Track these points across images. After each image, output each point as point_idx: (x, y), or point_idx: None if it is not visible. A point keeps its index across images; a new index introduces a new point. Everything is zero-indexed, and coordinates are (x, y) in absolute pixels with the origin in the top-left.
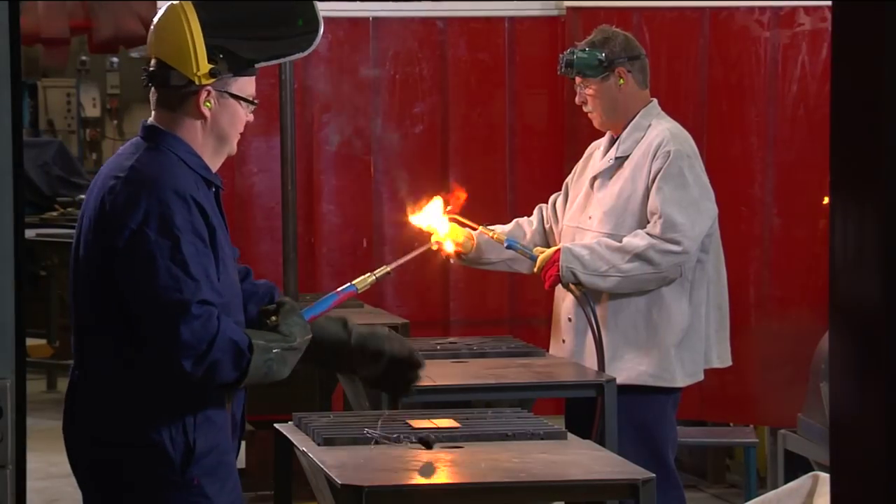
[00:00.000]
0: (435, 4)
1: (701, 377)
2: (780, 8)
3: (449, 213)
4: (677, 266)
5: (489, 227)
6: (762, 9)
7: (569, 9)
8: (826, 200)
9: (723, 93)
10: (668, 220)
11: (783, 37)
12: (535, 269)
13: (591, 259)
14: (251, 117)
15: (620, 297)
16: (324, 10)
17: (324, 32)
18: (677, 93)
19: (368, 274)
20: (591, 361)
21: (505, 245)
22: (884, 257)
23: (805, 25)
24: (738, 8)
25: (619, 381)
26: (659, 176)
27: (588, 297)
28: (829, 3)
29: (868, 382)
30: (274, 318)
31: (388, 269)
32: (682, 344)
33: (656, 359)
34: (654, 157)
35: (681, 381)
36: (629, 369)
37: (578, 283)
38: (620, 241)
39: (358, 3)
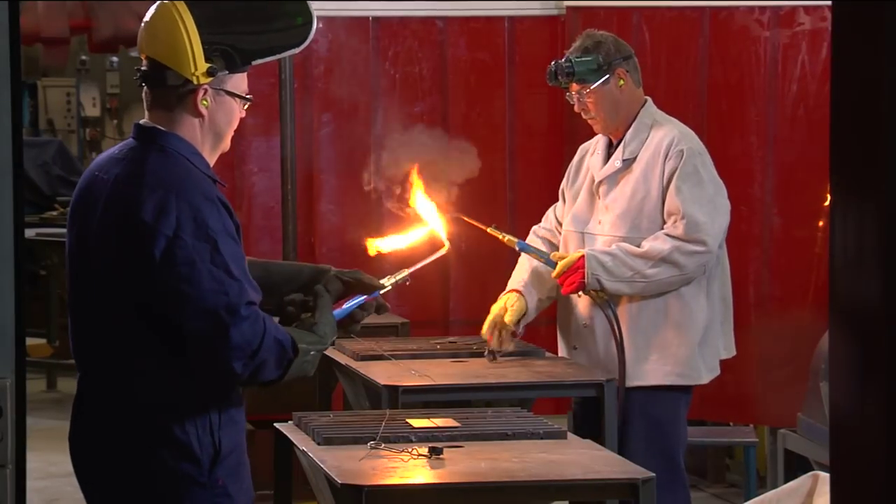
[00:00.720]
0: (435, 4)
1: (718, 371)
2: (780, 7)
3: (455, 213)
4: (702, 266)
5: (498, 228)
6: (762, 8)
7: (569, 8)
8: (826, 200)
9: (723, 92)
10: (690, 220)
11: (783, 36)
12: (554, 275)
13: (615, 265)
14: (244, 113)
15: (639, 299)
16: (324, 9)
17: (324, 32)
18: (677, 93)
19: (388, 277)
20: (611, 366)
21: (517, 248)
22: (884, 257)
23: (805, 25)
24: (738, 7)
25: (645, 383)
26: (675, 176)
27: (609, 302)
28: (829, 2)
29: (868, 382)
30: (310, 314)
31: (406, 273)
32: (702, 340)
33: (683, 357)
34: (667, 157)
35: (706, 378)
36: (654, 370)
37: (601, 290)
38: (639, 245)
39: (358, 3)
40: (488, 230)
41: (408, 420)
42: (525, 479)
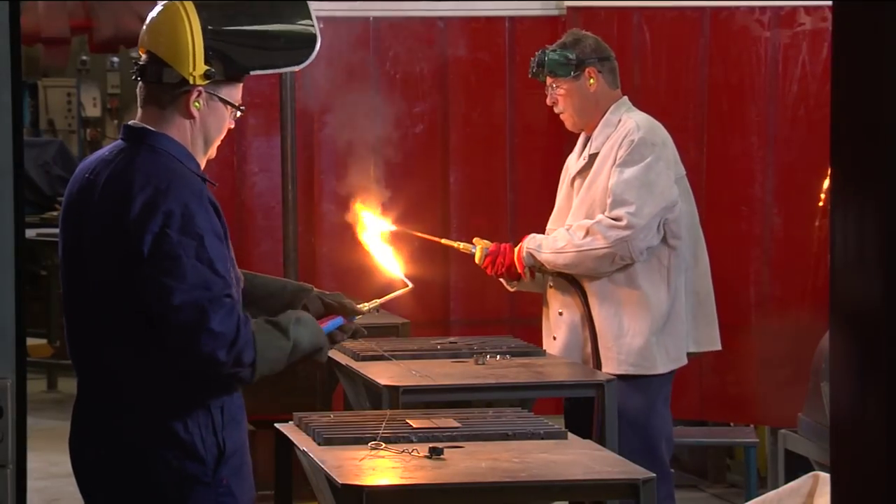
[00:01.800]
0: (435, 4)
1: (684, 361)
2: (781, 8)
3: (403, 228)
4: (623, 242)
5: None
6: (762, 8)
7: (569, 8)
8: (825, 200)
9: (723, 92)
10: (616, 197)
11: (783, 36)
12: (477, 260)
13: (552, 239)
14: (233, 124)
15: (599, 290)
16: (324, 9)
17: (324, 32)
18: (677, 93)
19: (363, 304)
20: (577, 355)
21: (472, 252)
22: (884, 257)
23: (805, 25)
24: (738, 8)
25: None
26: (619, 161)
27: (578, 290)
28: (830, 3)
29: (868, 382)
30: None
31: (378, 302)
32: (664, 330)
33: (637, 348)
34: (620, 146)
35: (662, 368)
36: (611, 359)
37: (535, 264)
38: None
39: (358, 3)
40: (442, 241)
41: (408, 420)
42: (525, 480)
